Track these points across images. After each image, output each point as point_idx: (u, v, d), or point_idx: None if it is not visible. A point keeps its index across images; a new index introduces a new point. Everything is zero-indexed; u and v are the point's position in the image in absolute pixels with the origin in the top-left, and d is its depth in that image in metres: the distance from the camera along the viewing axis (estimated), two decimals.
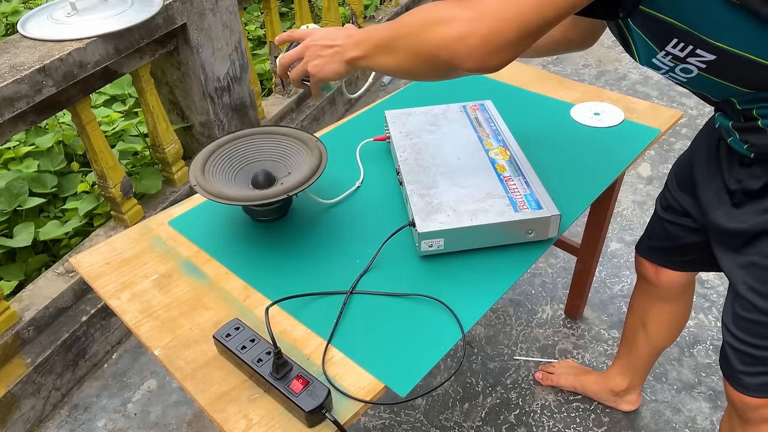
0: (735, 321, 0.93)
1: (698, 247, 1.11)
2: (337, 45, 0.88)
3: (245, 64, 2.23)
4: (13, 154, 2.06)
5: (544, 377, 1.63)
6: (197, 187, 1.00)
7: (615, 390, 1.52)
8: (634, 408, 1.55)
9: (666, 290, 1.27)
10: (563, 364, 1.64)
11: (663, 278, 1.24)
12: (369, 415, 1.59)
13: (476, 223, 0.96)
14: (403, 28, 0.80)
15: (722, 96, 0.82)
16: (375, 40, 0.84)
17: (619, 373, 1.50)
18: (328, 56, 0.89)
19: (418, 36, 0.77)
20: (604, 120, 1.32)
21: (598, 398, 1.57)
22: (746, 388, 0.95)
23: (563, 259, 2.03)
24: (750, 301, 0.89)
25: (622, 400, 1.54)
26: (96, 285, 0.99)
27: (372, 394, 0.79)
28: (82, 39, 1.57)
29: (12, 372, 1.55)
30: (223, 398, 0.80)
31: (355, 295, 0.94)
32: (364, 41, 0.86)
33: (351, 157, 1.26)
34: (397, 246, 1.01)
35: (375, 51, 0.85)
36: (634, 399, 1.54)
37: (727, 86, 0.78)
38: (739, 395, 0.97)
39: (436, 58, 0.76)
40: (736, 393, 0.97)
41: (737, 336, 0.93)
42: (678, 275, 1.23)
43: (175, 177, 2.07)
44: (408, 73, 0.83)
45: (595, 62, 3.26)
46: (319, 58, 0.90)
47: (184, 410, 1.64)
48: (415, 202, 1.02)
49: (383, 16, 3.36)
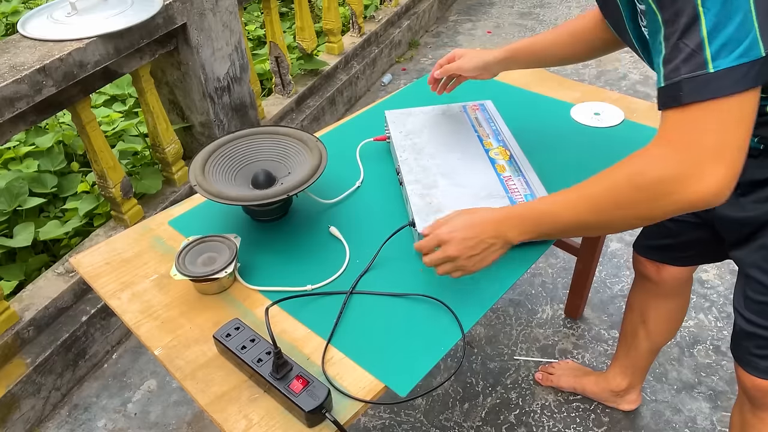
0: (747, 305, 0.94)
1: (699, 242, 1.12)
2: (489, 241, 0.83)
3: (245, 64, 2.23)
4: (13, 154, 2.06)
5: (543, 378, 1.63)
6: (197, 187, 1.00)
7: (615, 390, 1.52)
8: (635, 407, 1.55)
9: (667, 287, 1.27)
10: (563, 364, 1.64)
11: (665, 275, 1.25)
12: (369, 415, 1.58)
13: None
14: (612, 206, 0.75)
15: None
16: (561, 224, 0.79)
17: (618, 373, 1.50)
18: (485, 252, 0.84)
19: (648, 204, 0.71)
20: (604, 120, 1.32)
21: (599, 399, 1.57)
22: (760, 371, 0.96)
23: (563, 259, 2.03)
24: (761, 283, 0.90)
25: (622, 399, 1.54)
26: (96, 285, 0.99)
27: (372, 394, 0.79)
28: (82, 39, 1.57)
29: (12, 372, 1.55)
30: (223, 398, 0.80)
31: (356, 295, 0.94)
32: (533, 226, 0.82)
33: (351, 157, 1.26)
34: (397, 246, 1.01)
35: (557, 231, 0.82)
36: (634, 398, 1.54)
37: None
38: (752, 379, 0.97)
39: (666, 215, 0.72)
40: (749, 377, 0.98)
41: (750, 319, 0.94)
42: (679, 271, 1.23)
43: (175, 177, 2.07)
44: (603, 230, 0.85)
45: (595, 62, 3.26)
46: (474, 258, 0.84)
47: (184, 410, 1.64)
48: (415, 202, 1.02)
49: (383, 16, 3.36)
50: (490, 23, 3.80)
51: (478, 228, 0.83)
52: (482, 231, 0.82)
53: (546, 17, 3.83)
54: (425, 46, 3.58)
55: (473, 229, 0.83)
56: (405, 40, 3.51)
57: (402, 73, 3.33)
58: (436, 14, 3.87)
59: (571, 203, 0.78)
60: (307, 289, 0.95)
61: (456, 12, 4.00)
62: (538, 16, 3.85)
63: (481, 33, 3.69)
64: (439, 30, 3.77)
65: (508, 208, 0.84)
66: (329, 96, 2.83)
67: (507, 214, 0.83)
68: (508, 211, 0.84)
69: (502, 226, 0.82)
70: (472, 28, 3.76)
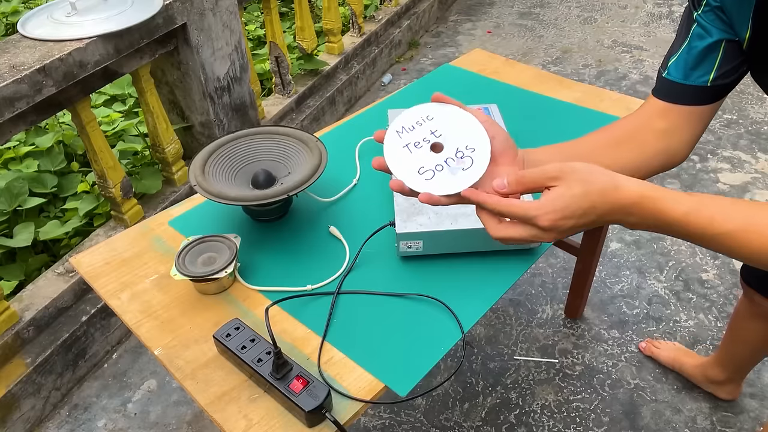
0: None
1: None
2: (599, 222, 0.62)
3: (245, 64, 2.23)
4: (13, 154, 2.06)
5: (647, 347, 1.68)
6: (197, 187, 1.00)
7: (712, 379, 1.54)
8: (732, 398, 1.56)
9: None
10: (670, 344, 1.67)
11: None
12: (369, 415, 1.58)
13: (456, 228, 0.96)
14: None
15: None
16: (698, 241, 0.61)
17: (718, 364, 1.50)
18: (582, 228, 0.63)
19: None
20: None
21: (695, 381, 1.59)
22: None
23: (563, 259, 2.03)
24: None
25: (719, 388, 1.55)
26: (96, 285, 0.99)
27: (372, 393, 0.79)
28: (82, 39, 1.57)
29: (12, 372, 1.55)
30: (223, 398, 0.80)
31: (356, 296, 0.94)
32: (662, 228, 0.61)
33: (350, 156, 1.26)
34: (396, 246, 1.01)
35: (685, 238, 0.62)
36: (732, 389, 1.54)
37: None
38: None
39: None
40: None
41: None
42: None
43: (175, 177, 2.07)
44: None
45: (595, 62, 3.26)
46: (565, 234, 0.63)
47: (184, 410, 1.64)
48: (398, 202, 1.02)
49: (383, 16, 3.36)
50: (490, 23, 3.80)
51: (593, 215, 0.61)
52: (598, 218, 0.61)
53: (546, 17, 3.83)
54: (425, 46, 3.58)
55: (587, 216, 0.60)
56: (405, 40, 3.51)
57: (402, 73, 3.33)
58: (436, 14, 3.87)
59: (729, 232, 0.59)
60: (307, 289, 0.95)
61: (456, 12, 4.00)
62: (538, 16, 3.85)
63: (481, 33, 3.69)
64: (439, 30, 3.77)
65: (639, 191, 0.60)
66: (329, 96, 2.82)
67: (638, 202, 0.60)
68: (640, 199, 0.60)
69: (626, 215, 0.61)
70: (472, 28, 3.76)
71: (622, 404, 1.58)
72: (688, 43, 0.78)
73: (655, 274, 1.96)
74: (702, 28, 0.76)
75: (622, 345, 1.74)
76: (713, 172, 2.39)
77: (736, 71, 0.77)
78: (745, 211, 0.59)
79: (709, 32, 0.76)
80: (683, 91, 0.79)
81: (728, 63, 0.76)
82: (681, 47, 0.79)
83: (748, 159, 2.45)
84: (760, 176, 2.36)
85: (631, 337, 1.75)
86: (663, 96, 0.81)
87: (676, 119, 0.80)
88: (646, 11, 3.82)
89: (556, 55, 3.36)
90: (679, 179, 2.35)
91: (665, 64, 0.82)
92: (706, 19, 0.76)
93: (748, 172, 2.38)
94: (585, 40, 3.51)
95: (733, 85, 0.79)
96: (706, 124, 0.82)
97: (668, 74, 0.80)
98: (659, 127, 0.81)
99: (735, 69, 0.77)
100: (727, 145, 2.54)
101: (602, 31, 3.61)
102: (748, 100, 2.83)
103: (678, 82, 0.79)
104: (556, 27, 3.70)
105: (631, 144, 0.81)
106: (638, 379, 1.64)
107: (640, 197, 0.59)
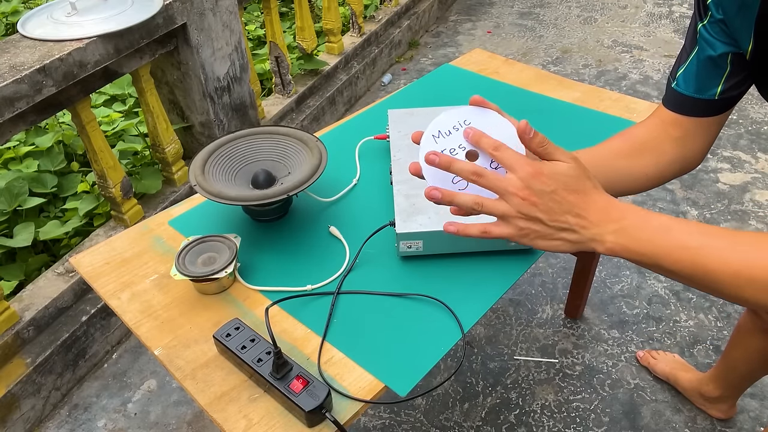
0: None
1: None
2: (585, 228, 0.60)
3: (245, 64, 2.23)
4: (13, 154, 2.06)
5: (644, 357, 1.66)
6: (197, 187, 1.00)
7: (705, 395, 1.49)
8: (725, 417, 1.51)
9: None
10: (668, 355, 1.64)
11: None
12: (369, 415, 1.58)
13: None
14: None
15: None
16: (685, 263, 0.58)
17: (713, 381, 1.46)
18: (562, 240, 0.61)
19: None
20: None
21: (688, 396, 1.56)
22: None
23: (563, 259, 2.03)
24: None
25: (712, 406, 1.51)
26: (96, 285, 0.99)
27: (372, 393, 0.79)
28: (82, 39, 1.57)
29: (12, 372, 1.55)
30: (223, 398, 0.80)
31: (356, 296, 0.94)
32: (646, 247, 0.58)
33: (351, 156, 1.26)
34: (396, 246, 1.01)
35: (671, 267, 0.59)
36: (726, 408, 1.49)
37: None
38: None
39: None
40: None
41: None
42: None
43: (175, 177, 2.07)
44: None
45: (595, 62, 3.26)
46: (549, 240, 0.61)
47: (184, 410, 1.64)
48: (399, 202, 1.02)
49: (383, 16, 3.36)
50: (490, 23, 3.80)
51: (579, 198, 0.59)
52: (583, 206, 0.59)
53: (546, 17, 3.83)
54: (425, 46, 3.58)
55: (567, 194, 0.59)
56: (405, 40, 3.51)
57: (402, 73, 3.33)
58: (436, 14, 3.87)
59: (706, 236, 0.58)
60: (307, 289, 0.95)
61: (456, 12, 4.00)
62: (538, 16, 3.85)
63: (481, 33, 3.69)
64: (439, 30, 3.77)
65: (633, 210, 0.60)
66: (329, 96, 2.82)
67: (627, 213, 0.60)
68: (634, 214, 0.60)
69: (608, 216, 0.59)
70: (472, 28, 3.76)
71: (622, 404, 1.58)
72: (696, 55, 0.79)
73: (655, 274, 1.96)
74: (707, 41, 0.76)
75: (622, 345, 1.74)
76: (713, 172, 2.39)
77: (744, 83, 0.78)
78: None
79: (713, 46, 0.76)
80: (693, 104, 0.80)
81: (735, 76, 0.77)
82: (689, 58, 0.80)
83: (748, 159, 2.45)
84: (760, 176, 2.36)
85: (631, 337, 1.75)
86: (673, 107, 0.82)
87: (689, 128, 0.82)
88: (646, 11, 3.82)
89: (556, 55, 3.36)
90: (679, 179, 2.35)
91: (674, 73, 0.82)
92: (712, 31, 0.76)
93: (748, 172, 2.38)
94: (585, 40, 3.51)
95: (741, 95, 0.79)
96: (719, 130, 0.83)
97: (677, 85, 0.81)
98: (675, 135, 0.82)
99: (742, 81, 0.77)
100: (727, 145, 2.54)
101: (602, 31, 3.61)
102: (748, 100, 2.83)
103: (687, 94, 0.80)
104: (556, 27, 3.70)
105: (649, 153, 0.82)
106: (638, 379, 1.64)
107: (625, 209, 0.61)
